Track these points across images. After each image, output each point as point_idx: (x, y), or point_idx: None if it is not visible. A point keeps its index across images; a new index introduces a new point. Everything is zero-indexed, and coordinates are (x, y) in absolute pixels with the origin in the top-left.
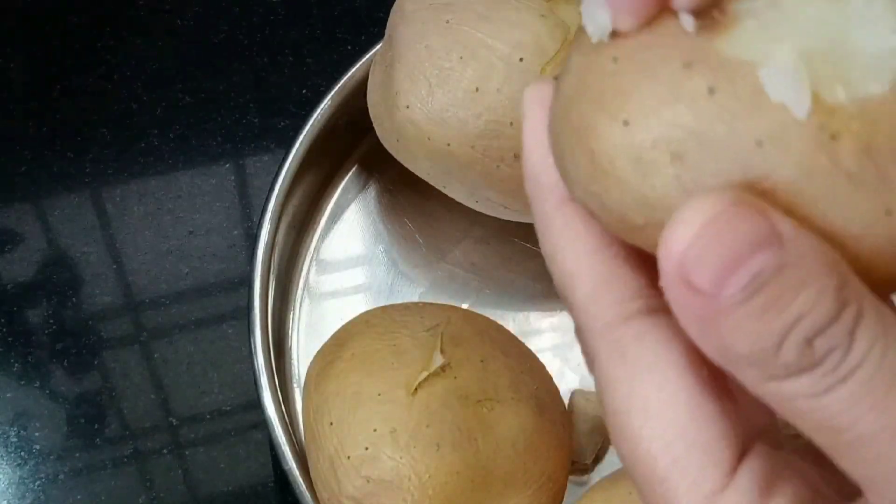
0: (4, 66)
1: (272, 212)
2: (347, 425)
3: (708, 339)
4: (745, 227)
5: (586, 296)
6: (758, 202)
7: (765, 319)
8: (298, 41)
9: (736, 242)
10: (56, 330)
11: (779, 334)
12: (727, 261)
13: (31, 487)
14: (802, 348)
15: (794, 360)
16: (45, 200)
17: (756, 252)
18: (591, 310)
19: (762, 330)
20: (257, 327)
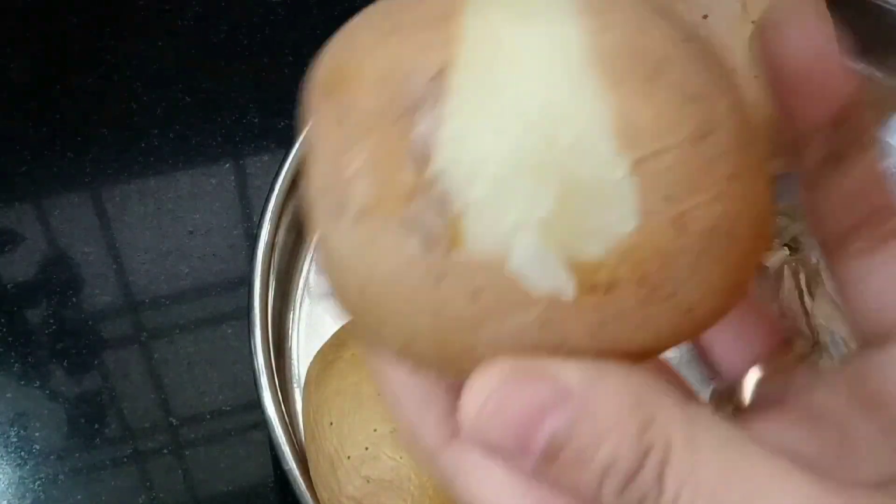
0: (4, 66)
1: (272, 212)
2: (347, 425)
3: (546, 483)
4: (525, 394)
5: (411, 424)
6: (538, 363)
7: (575, 475)
8: (298, 41)
9: (520, 411)
10: (56, 330)
11: (593, 486)
12: (519, 428)
13: (31, 487)
14: (617, 497)
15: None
16: (46, 200)
17: (544, 416)
18: (419, 435)
19: (578, 482)
20: (257, 327)
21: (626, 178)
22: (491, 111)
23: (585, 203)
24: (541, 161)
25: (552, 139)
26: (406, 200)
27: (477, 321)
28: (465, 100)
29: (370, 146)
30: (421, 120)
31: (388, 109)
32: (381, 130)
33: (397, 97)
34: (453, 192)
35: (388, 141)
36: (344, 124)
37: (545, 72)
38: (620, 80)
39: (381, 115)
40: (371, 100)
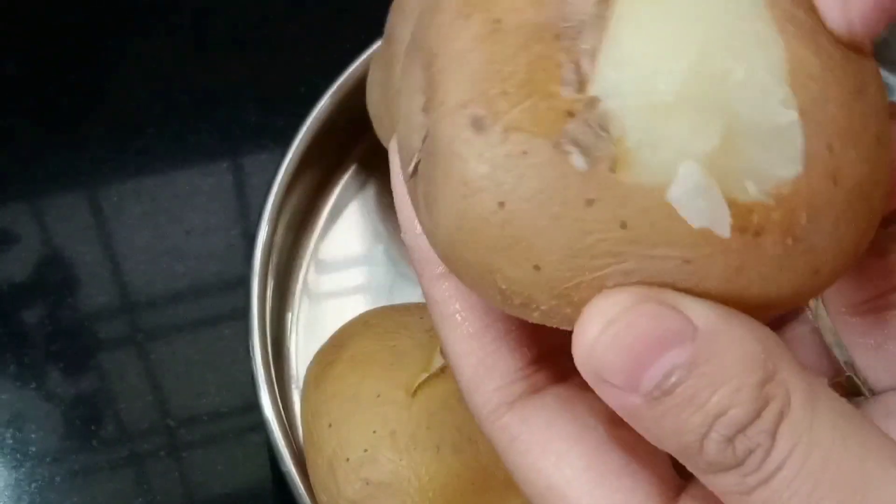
0: (0, 63)
1: (270, 211)
2: (346, 427)
3: (638, 429)
4: (651, 323)
5: (469, 382)
6: (668, 295)
7: (682, 417)
8: (297, 39)
9: (641, 340)
10: (52, 331)
11: (698, 432)
12: (636, 358)
13: (27, 490)
14: (723, 447)
15: (716, 458)
16: (41, 200)
17: (666, 349)
18: (475, 398)
19: (682, 427)
20: (255, 328)
21: (794, 123)
22: (659, 37)
23: (751, 143)
24: (709, 94)
25: (723, 73)
26: (564, 119)
27: (623, 254)
28: (633, 22)
29: (525, 61)
30: (584, 39)
31: (547, 26)
32: (539, 46)
33: (558, 14)
34: (615, 116)
35: (547, 58)
36: (493, 38)
37: (719, 4)
38: (791, 26)
39: (540, 32)
40: (528, 15)
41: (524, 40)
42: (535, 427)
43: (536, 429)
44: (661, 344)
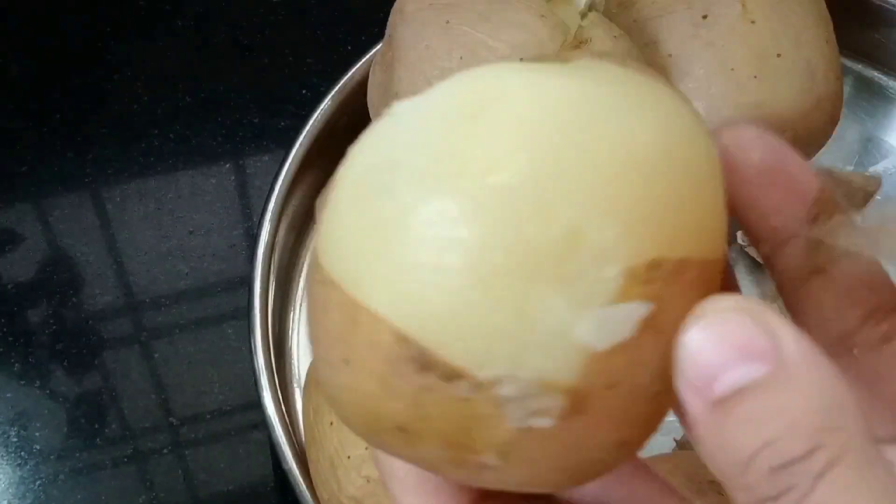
0: (4, 66)
1: (272, 212)
2: None
3: (693, 438)
4: (740, 331)
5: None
6: (767, 314)
7: (738, 433)
8: (298, 41)
9: (726, 344)
10: (56, 330)
11: (747, 452)
12: (716, 360)
13: (32, 487)
14: (766, 476)
15: (756, 484)
16: (45, 200)
17: (746, 361)
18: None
19: (734, 443)
20: (257, 327)
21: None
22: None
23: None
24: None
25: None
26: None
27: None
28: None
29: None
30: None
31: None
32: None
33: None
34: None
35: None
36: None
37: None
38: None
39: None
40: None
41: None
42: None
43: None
44: (743, 354)
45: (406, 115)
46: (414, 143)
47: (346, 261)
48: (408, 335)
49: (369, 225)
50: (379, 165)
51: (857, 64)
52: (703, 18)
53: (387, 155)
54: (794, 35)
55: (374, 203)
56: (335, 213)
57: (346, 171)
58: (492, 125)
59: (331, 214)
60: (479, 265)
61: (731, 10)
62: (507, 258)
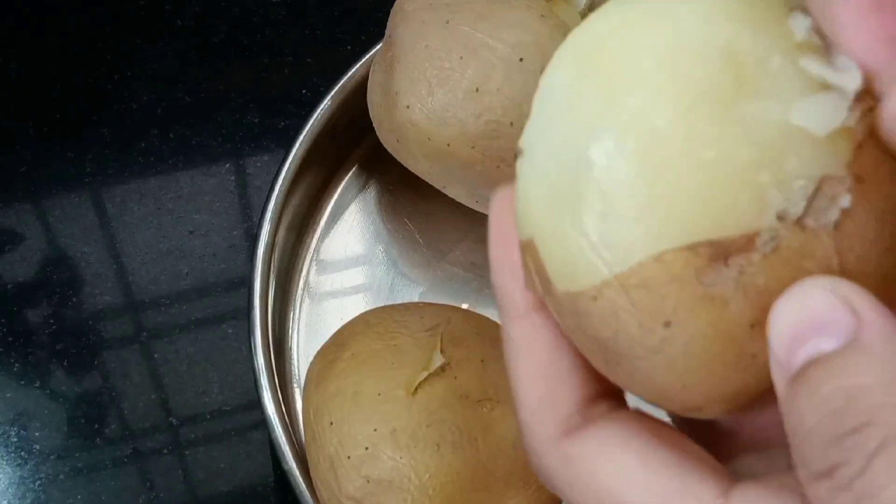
0: (4, 65)
1: (272, 212)
2: (347, 425)
3: (783, 410)
4: (819, 308)
5: (530, 415)
6: (848, 289)
7: (806, 403)
8: (298, 41)
9: (805, 322)
10: (56, 330)
11: (811, 424)
12: (793, 335)
13: (32, 487)
14: (821, 448)
15: (813, 457)
16: (45, 200)
17: (817, 334)
18: (534, 429)
19: (802, 413)
20: (257, 327)
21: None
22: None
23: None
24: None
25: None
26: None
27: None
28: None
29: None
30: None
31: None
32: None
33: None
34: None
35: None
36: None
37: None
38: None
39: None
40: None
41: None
42: (588, 447)
43: (590, 448)
44: (818, 328)
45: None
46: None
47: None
48: (692, 242)
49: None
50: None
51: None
52: None
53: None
54: None
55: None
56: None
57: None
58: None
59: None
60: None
61: None
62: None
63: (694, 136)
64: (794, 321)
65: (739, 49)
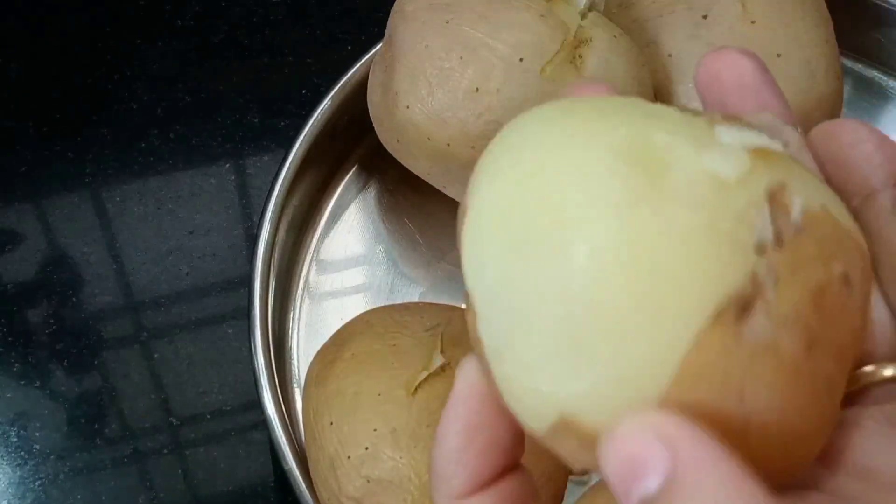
0: (4, 65)
1: (272, 212)
2: (348, 425)
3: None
4: (637, 448)
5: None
6: (671, 425)
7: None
8: (298, 41)
9: (627, 464)
10: (56, 330)
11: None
12: (621, 475)
13: (32, 487)
14: None
15: None
16: (45, 200)
17: (642, 476)
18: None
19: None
20: (257, 327)
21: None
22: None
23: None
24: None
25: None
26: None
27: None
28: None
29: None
30: None
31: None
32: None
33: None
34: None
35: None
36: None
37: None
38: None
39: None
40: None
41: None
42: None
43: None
44: (643, 467)
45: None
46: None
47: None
48: (714, 312)
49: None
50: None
51: (857, 64)
52: (703, 18)
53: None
54: (794, 35)
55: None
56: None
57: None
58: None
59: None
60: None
61: (731, 10)
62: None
63: (649, 230)
64: (620, 461)
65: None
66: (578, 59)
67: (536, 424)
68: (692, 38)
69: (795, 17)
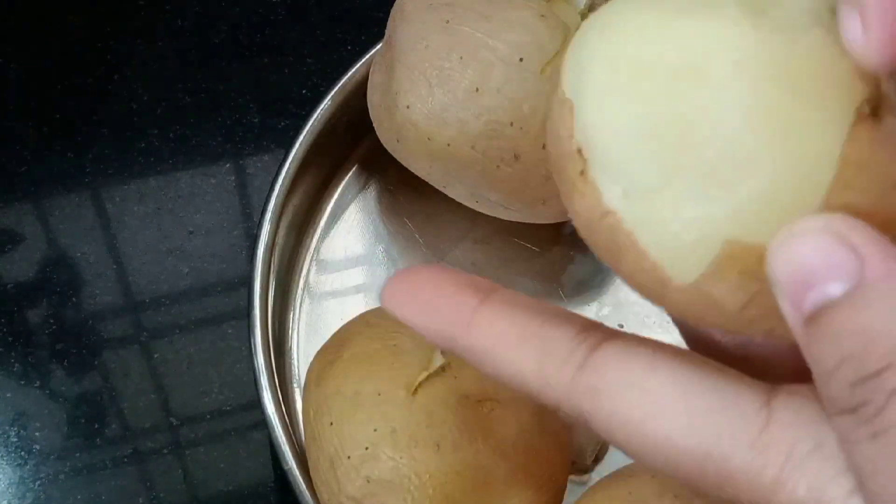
0: (4, 65)
1: (272, 212)
2: (347, 425)
3: (801, 347)
4: (824, 251)
5: (537, 376)
6: (857, 232)
7: (823, 347)
8: (298, 41)
9: (809, 265)
10: (56, 330)
11: (830, 366)
12: (801, 279)
13: (32, 487)
14: (846, 389)
15: (837, 396)
16: (45, 200)
17: (827, 279)
18: (550, 381)
19: (821, 355)
20: (257, 327)
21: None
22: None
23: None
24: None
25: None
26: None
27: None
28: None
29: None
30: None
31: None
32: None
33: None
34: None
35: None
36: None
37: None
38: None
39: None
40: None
41: None
42: (611, 375)
43: (613, 376)
44: (826, 273)
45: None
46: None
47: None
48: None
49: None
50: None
51: None
52: None
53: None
54: None
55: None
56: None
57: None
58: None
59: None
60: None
61: None
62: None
63: (780, 50)
64: (795, 266)
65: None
66: None
67: (692, 266)
68: None
69: None
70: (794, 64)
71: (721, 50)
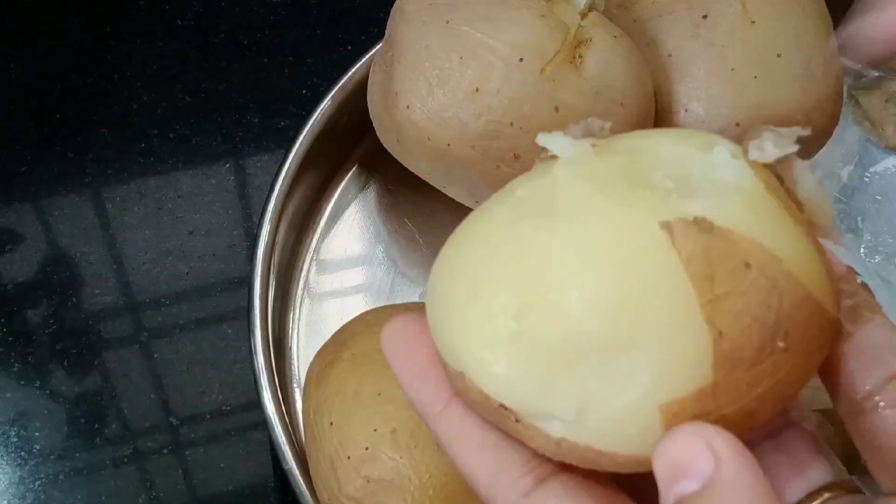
0: (4, 66)
1: (272, 212)
2: (347, 425)
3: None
4: (685, 452)
5: (486, 487)
6: (719, 438)
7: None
8: (298, 41)
9: (674, 465)
10: (56, 330)
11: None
12: (667, 474)
13: (32, 487)
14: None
15: None
16: (45, 200)
17: (682, 477)
18: (496, 497)
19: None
20: (257, 327)
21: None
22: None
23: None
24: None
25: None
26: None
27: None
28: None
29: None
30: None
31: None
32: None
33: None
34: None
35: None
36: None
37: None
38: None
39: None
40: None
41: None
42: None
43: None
44: (682, 471)
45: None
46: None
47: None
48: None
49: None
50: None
51: (857, 64)
52: (703, 18)
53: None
54: (794, 35)
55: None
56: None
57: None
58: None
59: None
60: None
61: (731, 10)
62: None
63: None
64: (666, 464)
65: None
66: (578, 59)
67: (636, 449)
68: (692, 38)
69: (795, 17)
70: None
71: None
